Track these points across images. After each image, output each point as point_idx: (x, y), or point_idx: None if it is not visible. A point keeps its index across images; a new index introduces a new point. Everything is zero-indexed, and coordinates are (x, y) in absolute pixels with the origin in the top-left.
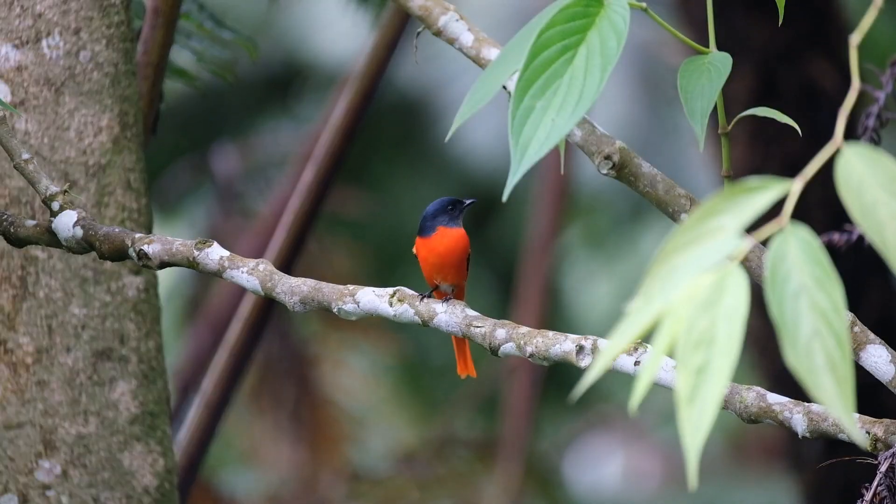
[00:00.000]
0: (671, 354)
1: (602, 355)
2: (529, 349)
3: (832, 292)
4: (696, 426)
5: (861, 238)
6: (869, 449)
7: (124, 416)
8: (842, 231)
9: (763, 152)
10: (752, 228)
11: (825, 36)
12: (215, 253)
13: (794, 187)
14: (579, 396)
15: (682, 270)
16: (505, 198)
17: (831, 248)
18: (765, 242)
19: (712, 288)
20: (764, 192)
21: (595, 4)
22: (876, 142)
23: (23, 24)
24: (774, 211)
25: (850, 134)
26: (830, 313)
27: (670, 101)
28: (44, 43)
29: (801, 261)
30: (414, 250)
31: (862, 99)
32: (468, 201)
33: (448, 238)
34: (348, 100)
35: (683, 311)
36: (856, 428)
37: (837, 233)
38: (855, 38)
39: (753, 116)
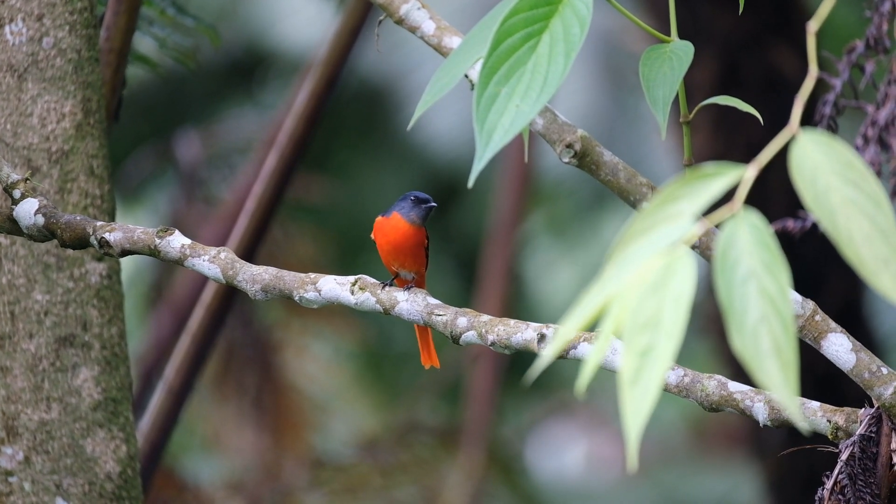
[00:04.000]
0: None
1: (555, 339)
2: (491, 338)
3: (779, 277)
4: (637, 408)
5: (817, 225)
6: (830, 437)
7: (87, 402)
8: (796, 218)
9: (726, 140)
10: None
11: (788, 24)
12: (177, 241)
13: (748, 173)
14: (533, 381)
15: (637, 255)
16: (471, 183)
17: (791, 237)
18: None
19: (661, 271)
20: (719, 178)
21: None
22: (833, 129)
23: None
24: (753, 198)
25: (808, 121)
26: (777, 298)
27: (632, 90)
28: (6, 29)
29: (751, 246)
30: (372, 235)
31: (821, 86)
32: (432, 204)
33: (400, 224)
34: (311, 87)
35: (632, 294)
36: (800, 412)
37: (792, 219)
38: (813, 25)
39: (716, 104)
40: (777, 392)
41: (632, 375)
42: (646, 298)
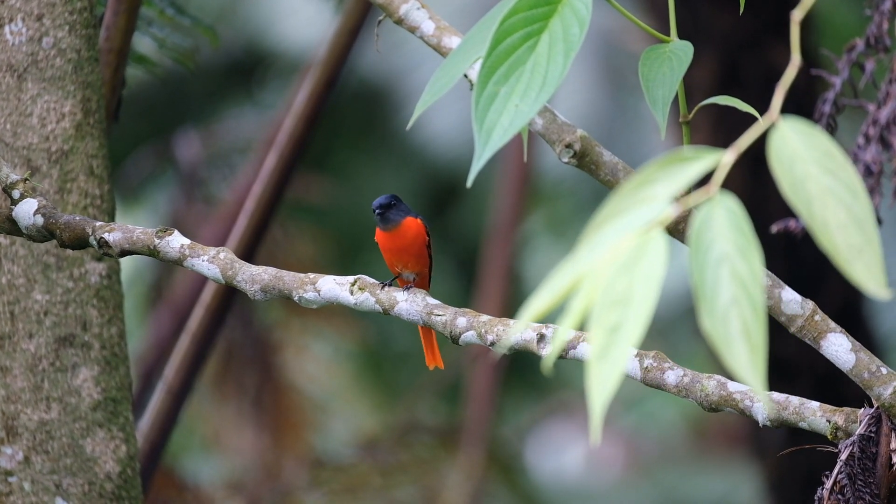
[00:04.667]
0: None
1: (524, 314)
2: (490, 338)
3: (752, 261)
4: (603, 383)
5: None
6: (830, 437)
7: (87, 402)
8: (798, 218)
9: (725, 139)
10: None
11: (787, 24)
12: (176, 241)
13: (726, 158)
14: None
15: (609, 236)
16: (469, 182)
17: (792, 237)
18: None
19: (633, 250)
20: (697, 162)
21: None
22: (832, 127)
23: None
24: (752, 197)
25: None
26: (749, 281)
27: (632, 90)
28: (6, 29)
29: (725, 229)
30: (376, 238)
31: (821, 85)
32: (375, 209)
33: (379, 234)
34: (311, 87)
35: (603, 272)
36: (766, 394)
37: (794, 219)
38: (797, 14)
39: (716, 104)
40: (744, 375)
41: (599, 351)
42: (617, 276)
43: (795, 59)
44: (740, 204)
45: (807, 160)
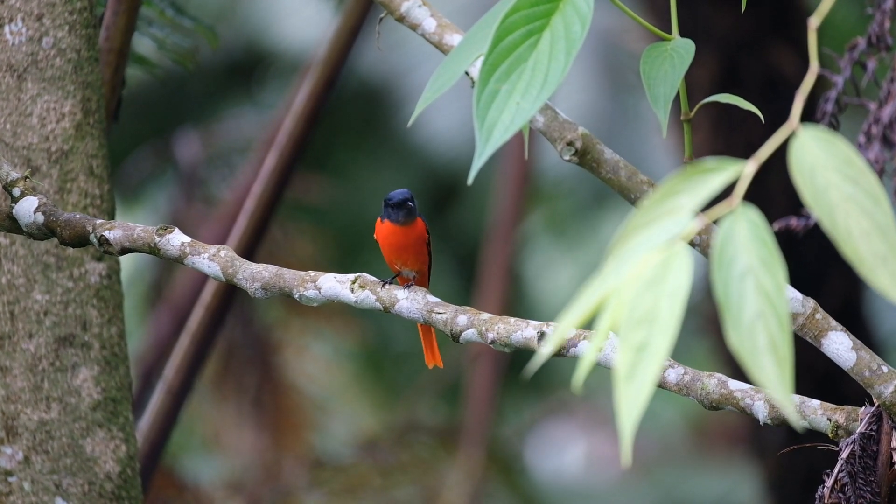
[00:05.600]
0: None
1: (553, 335)
2: (491, 336)
3: (776, 273)
4: (632, 403)
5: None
6: (830, 436)
7: (86, 402)
8: (799, 216)
9: (726, 139)
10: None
11: (787, 23)
12: (176, 239)
13: (748, 169)
14: (533, 380)
15: (635, 251)
16: (470, 180)
17: (792, 235)
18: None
19: (658, 267)
20: (719, 174)
21: None
22: (835, 126)
23: None
24: (753, 198)
25: (809, 119)
26: (774, 295)
27: (633, 88)
28: (6, 29)
29: (748, 242)
30: (375, 235)
31: (822, 84)
32: (396, 200)
33: (389, 226)
34: (311, 86)
35: (629, 289)
36: (794, 409)
37: (795, 217)
38: (814, 21)
39: (716, 103)
40: (772, 389)
41: (627, 371)
42: (642, 294)
43: (814, 67)
44: (762, 216)
45: (827, 168)
